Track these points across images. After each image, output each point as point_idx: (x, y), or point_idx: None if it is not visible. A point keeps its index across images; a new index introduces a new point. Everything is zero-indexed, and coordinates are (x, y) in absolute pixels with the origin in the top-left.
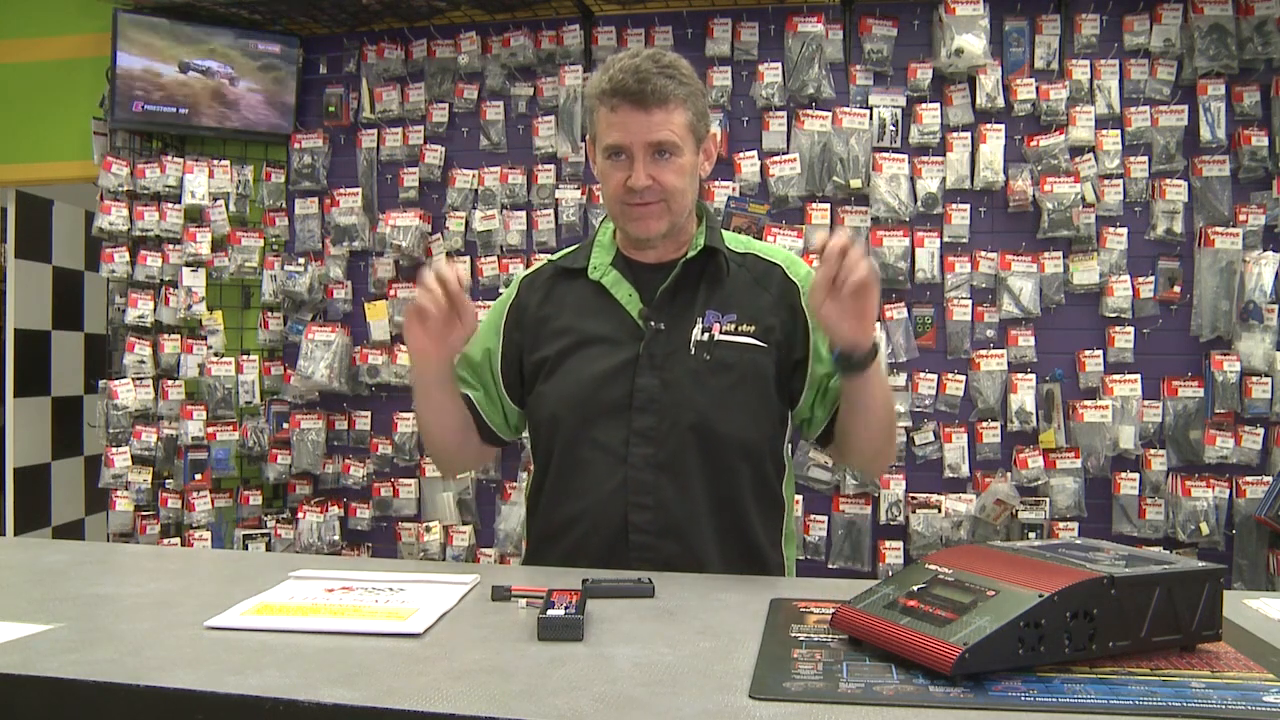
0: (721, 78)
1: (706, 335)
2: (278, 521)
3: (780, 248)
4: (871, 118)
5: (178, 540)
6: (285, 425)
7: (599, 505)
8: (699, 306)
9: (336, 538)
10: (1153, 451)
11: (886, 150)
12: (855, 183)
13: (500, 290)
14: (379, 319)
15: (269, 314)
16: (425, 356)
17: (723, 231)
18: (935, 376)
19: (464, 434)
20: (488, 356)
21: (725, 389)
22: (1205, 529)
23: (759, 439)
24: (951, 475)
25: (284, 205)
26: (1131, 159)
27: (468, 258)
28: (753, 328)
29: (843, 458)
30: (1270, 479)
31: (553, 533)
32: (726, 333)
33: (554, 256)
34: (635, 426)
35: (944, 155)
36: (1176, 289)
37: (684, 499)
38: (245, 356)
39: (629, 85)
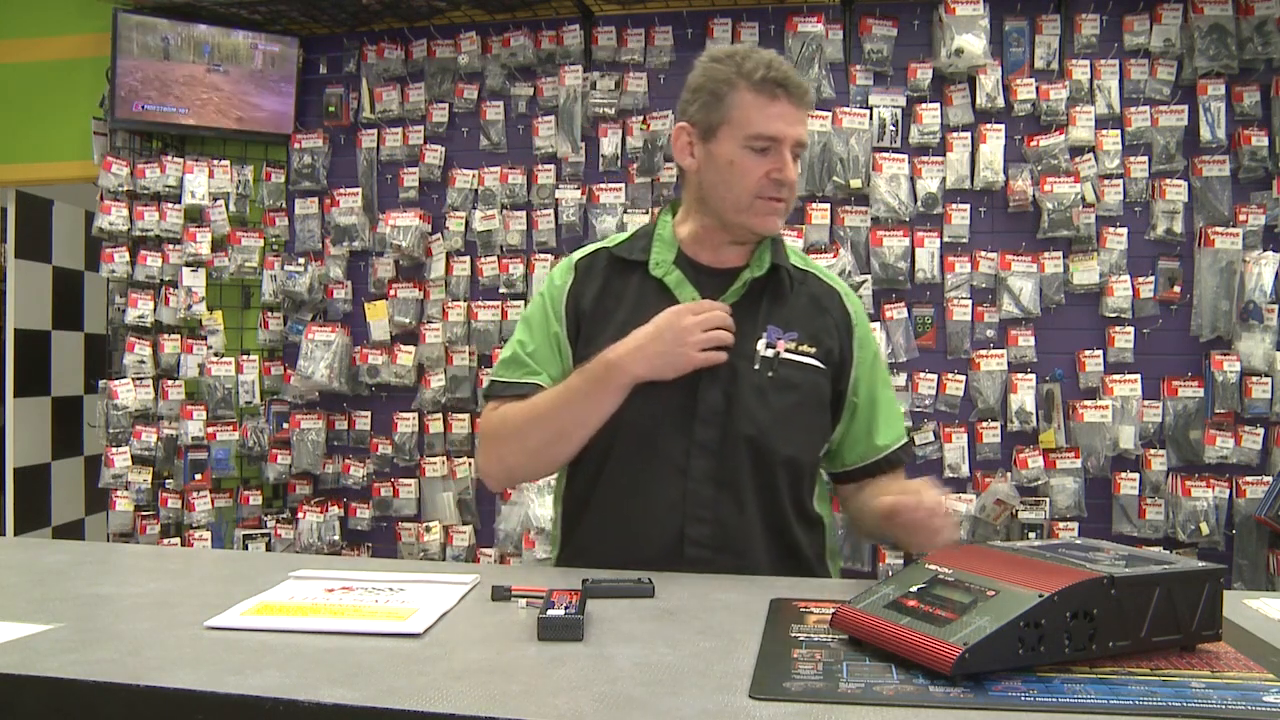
0: None
1: (771, 351)
2: (278, 521)
3: (836, 275)
4: (871, 118)
5: (178, 540)
6: (285, 425)
7: (655, 516)
8: (761, 320)
9: (336, 538)
10: (1153, 451)
11: (886, 150)
12: (855, 183)
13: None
14: (379, 319)
15: (269, 314)
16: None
17: (787, 247)
18: (935, 376)
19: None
20: (555, 341)
21: (787, 408)
22: (1205, 529)
23: (810, 460)
24: (951, 475)
25: (284, 205)
26: (1131, 159)
27: (468, 258)
28: (814, 349)
29: (845, 511)
30: (1270, 479)
31: (600, 540)
32: (790, 351)
33: (606, 243)
34: (697, 439)
35: (944, 155)
36: (1176, 289)
37: (740, 515)
38: (245, 356)
39: (791, 79)
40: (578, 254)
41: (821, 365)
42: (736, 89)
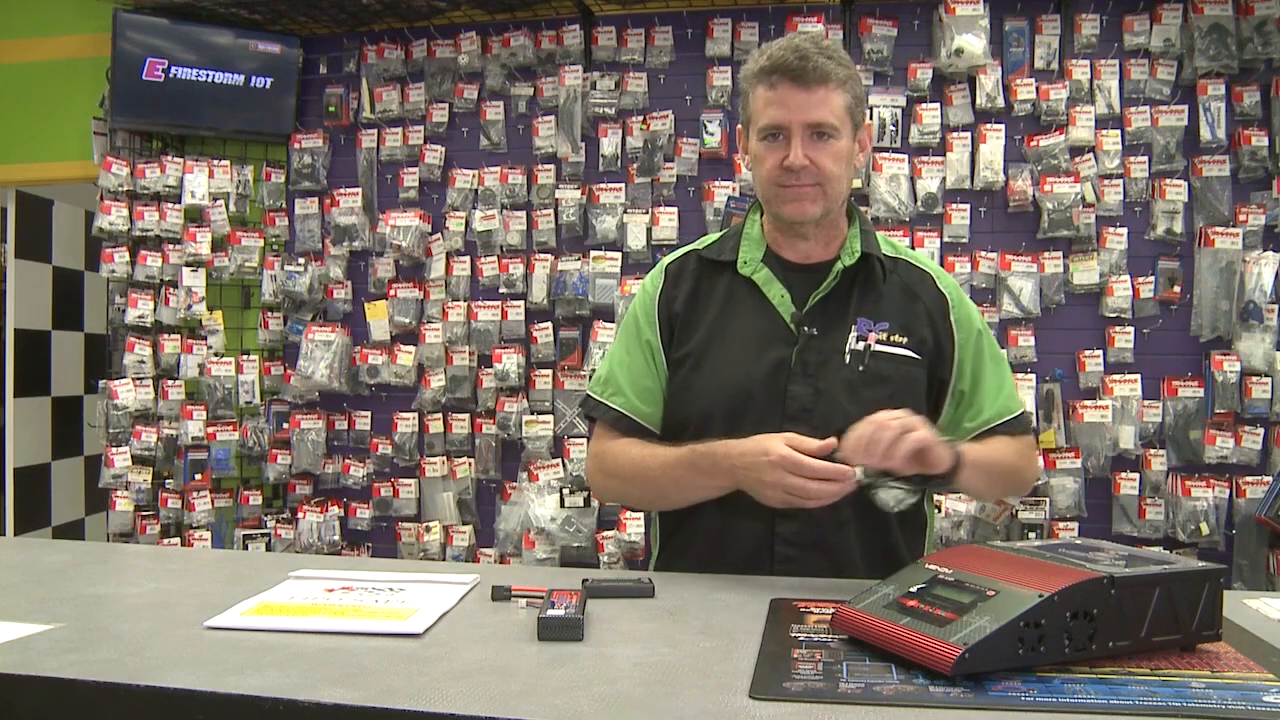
0: (721, 78)
1: (861, 345)
2: (278, 521)
3: (926, 255)
4: (871, 118)
5: (178, 540)
6: (285, 425)
7: (747, 514)
8: (852, 313)
9: (336, 538)
10: (1153, 451)
11: (886, 150)
12: (855, 183)
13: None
14: (379, 319)
15: (269, 314)
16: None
17: (876, 234)
18: None
19: None
20: (649, 350)
21: (879, 401)
22: (1205, 529)
23: None
24: None
25: (284, 205)
26: (1131, 159)
27: (468, 258)
28: (906, 339)
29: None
30: (1270, 479)
31: (697, 538)
32: (880, 343)
33: (696, 245)
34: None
35: (944, 155)
36: (1176, 289)
37: (832, 512)
38: (245, 356)
39: (790, 62)
40: (669, 258)
41: (915, 355)
42: (753, 85)
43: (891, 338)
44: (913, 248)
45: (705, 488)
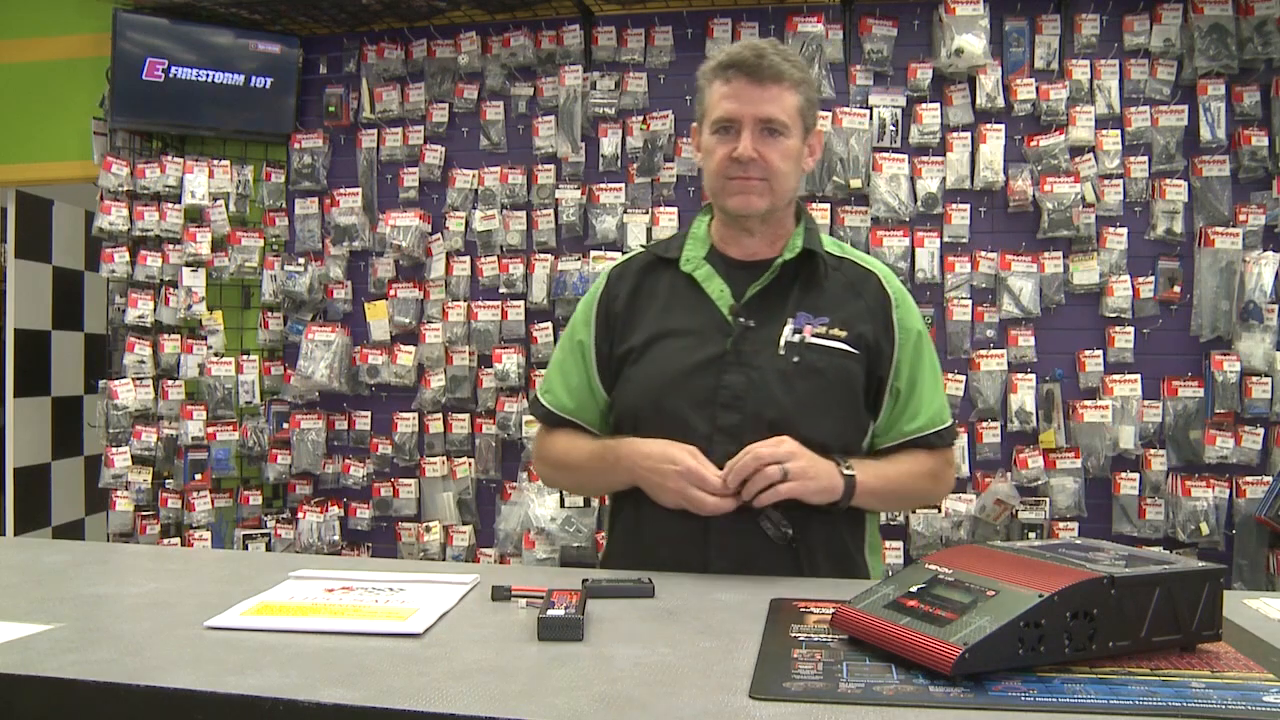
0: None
1: (797, 336)
2: (278, 521)
3: (875, 259)
4: (871, 118)
5: (178, 540)
6: (285, 425)
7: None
8: (791, 307)
9: (336, 538)
10: (1153, 451)
11: (886, 150)
12: (855, 183)
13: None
14: (379, 319)
15: (269, 314)
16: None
17: (821, 235)
18: None
19: None
20: (579, 350)
21: (812, 392)
22: (1205, 529)
23: (838, 446)
24: None
25: (284, 205)
26: (1131, 159)
27: (468, 258)
28: (845, 333)
29: None
30: (1270, 479)
31: (636, 526)
32: (818, 335)
33: (647, 246)
34: (720, 423)
35: (944, 155)
36: (1176, 289)
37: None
38: (245, 356)
39: (747, 58)
40: (615, 262)
41: (852, 350)
42: (709, 81)
43: (830, 331)
44: (913, 248)
45: (612, 480)
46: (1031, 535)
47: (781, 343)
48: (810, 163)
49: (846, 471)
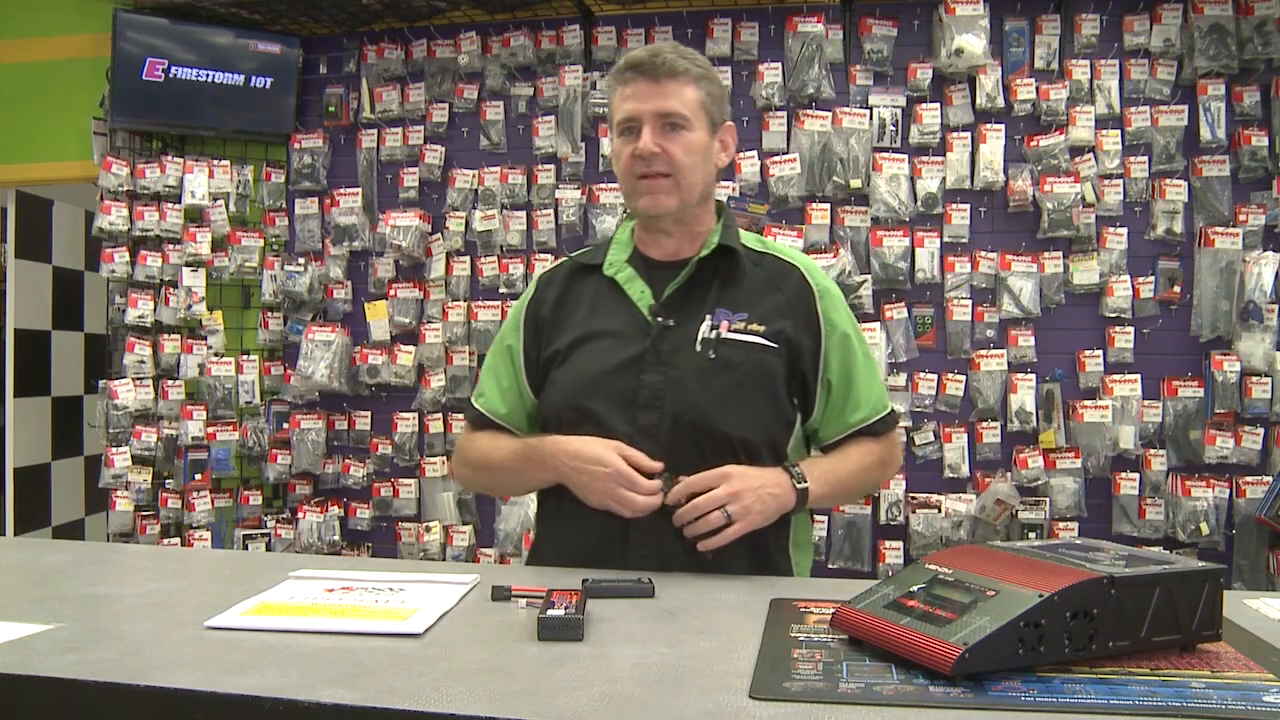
0: (721, 78)
1: (714, 333)
2: (278, 521)
3: (801, 253)
4: (871, 118)
5: (178, 540)
6: (285, 425)
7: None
8: (710, 304)
9: (336, 538)
10: (1153, 451)
11: (886, 150)
12: (855, 183)
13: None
14: (379, 319)
15: (269, 314)
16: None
17: (742, 232)
18: (935, 376)
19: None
20: (509, 354)
21: (729, 388)
22: (1205, 529)
23: (761, 440)
24: (951, 475)
25: (284, 205)
26: (1131, 159)
27: (468, 258)
28: (763, 327)
29: None
30: (1270, 479)
31: (558, 526)
32: (735, 330)
33: (574, 254)
34: (640, 424)
35: (944, 155)
36: (1176, 289)
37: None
38: (245, 356)
39: (641, 59)
40: (545, 269)
41: (770, 344)
42: (612, 88)
43: (749, 326)
44: (913, 248)
45: (535, 479)
46: (1031, 535)
47: (699, 340)
48: (723, 158)
49: (800, 486)
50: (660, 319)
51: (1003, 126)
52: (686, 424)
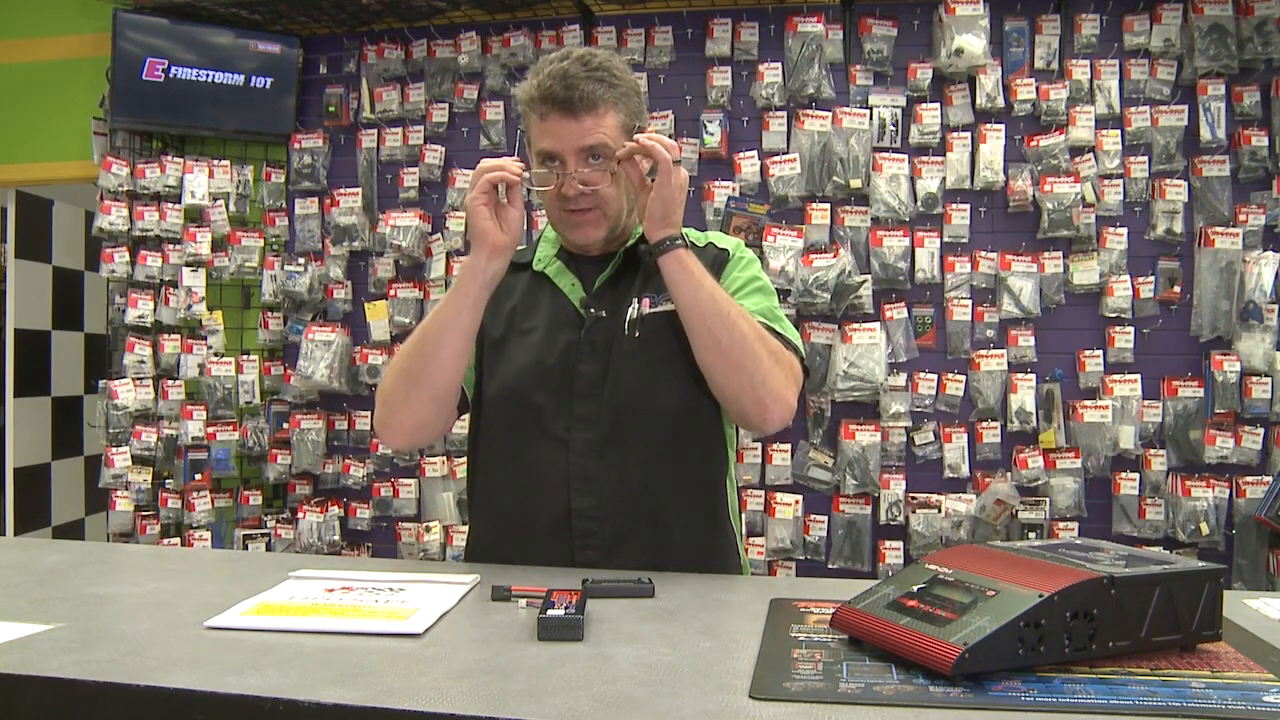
0: (721, 78)
1: (636, 315)
2: (278, 521)
3: (738, 241)
4: (871, 118)
5: (178, 540)
6: (285, 425)
7: (543, 491)
8: (636, 292)
9: (336, 538)
10: (1153, 451)
11: (886, 150)
12: (855, 183)
13: None
14: (379, 319)
15: (269, 314)
16: (492, 240)
17: (690, 230)
18: (935, 376)
19: (456, 382)
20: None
21: (656, 361)
22: (1205, 529)
23: (698, 407)
24: (951, 475)
25: (284, 205)
26: (1131, 159)
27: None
28: None
29: (722, 403)
30: (1270, 479)
31: (498, 519)
32: (653, 306)
33: None
34: (577, 413)
35: (944, 155)
36: (1176, 289)
37: (622, 483)
38: (245, 356)
39: (557, 92)
40: None
41: None
42: (527, 112)
43: (668, 301)
44: (913, 248)
45: (457, 298)
46: (1031, 535)
47: (626, 324)
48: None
49: (683, 242)
50: (592, 310)
51: (1003, 126)
52: (624, 408)
